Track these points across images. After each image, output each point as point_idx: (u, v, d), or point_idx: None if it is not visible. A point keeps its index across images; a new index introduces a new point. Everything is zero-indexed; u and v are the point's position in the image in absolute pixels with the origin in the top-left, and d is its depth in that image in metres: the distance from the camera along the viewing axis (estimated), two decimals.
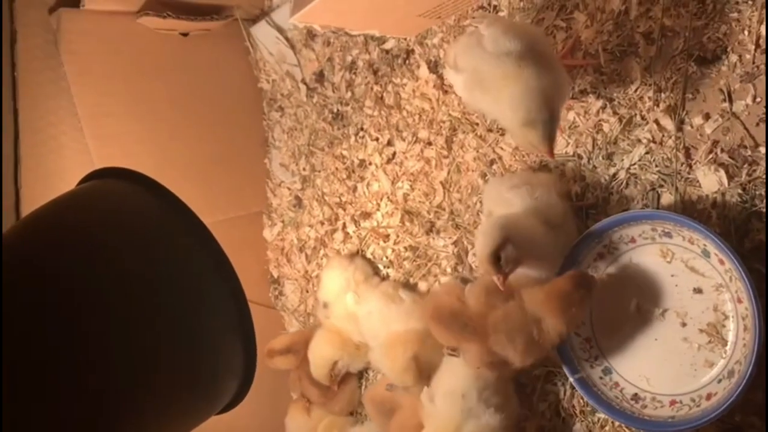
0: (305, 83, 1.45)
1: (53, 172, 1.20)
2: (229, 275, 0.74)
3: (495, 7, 1.09)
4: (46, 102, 1.22)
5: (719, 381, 0.83)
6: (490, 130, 1.12)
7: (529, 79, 0.82)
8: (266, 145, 1.54)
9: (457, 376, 0.95)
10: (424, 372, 1.06)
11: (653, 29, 0.92)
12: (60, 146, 1.21)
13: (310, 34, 1.43)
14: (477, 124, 1.14)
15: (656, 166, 0.92)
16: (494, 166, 1.12)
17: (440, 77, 1.19)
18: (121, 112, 1.29)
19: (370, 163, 1.31)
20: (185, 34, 1.44)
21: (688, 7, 0.89)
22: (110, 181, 0.81)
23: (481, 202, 1.13)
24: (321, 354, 1.22)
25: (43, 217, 0.73)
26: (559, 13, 1.01)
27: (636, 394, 0.89)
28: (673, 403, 0.86)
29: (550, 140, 0.83)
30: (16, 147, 1.17)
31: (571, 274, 0.89)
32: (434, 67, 1.21)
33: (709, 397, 0.83)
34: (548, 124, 0.83)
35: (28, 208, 1.15)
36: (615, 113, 0.95)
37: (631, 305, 0.91)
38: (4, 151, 1.16)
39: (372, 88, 1.31)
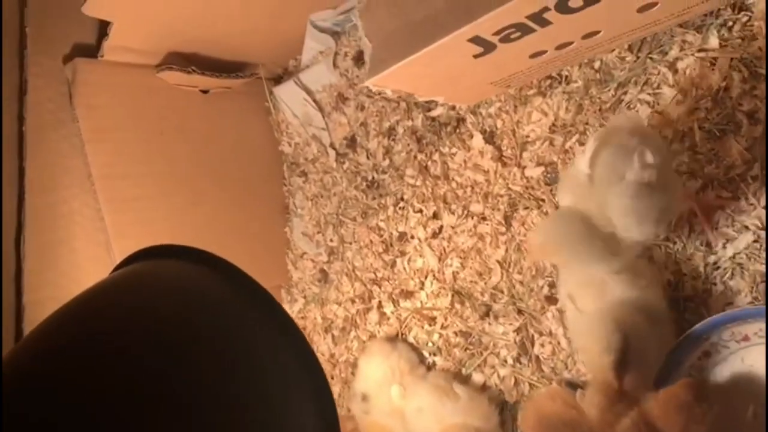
0: (334, 148, 1.35)
1: (61, 241, 1.05)
2: (316, 374, 0.61)
3: (566, 77, 1.02)
4: (57, 160, 1.08)
5: None
6: (558, 209, 1.03)
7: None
8: (286, 213, 1.42)
9: None
10: None
11: (759, 108, 0.85)
12: (70, 211, 1.06)
13: (342, 98, 1.34)
14: (543, 200, 1.05)
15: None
16: None
17: (498, 148, 1.11)
18: (137, 174, 1.16)
19: (413, 237, 1.20)
20: (205, 92, 1.32)
21: None
22: (167, 262, 0.67)
23: (549, 285, 1.03)
24: None
25: (94, 300, 0.59)
26: (644, 87, 0.94)
27: None
28: None
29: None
30: (20, 211, 1.02)
31: (688, 384, 0.78)
32: (490, 137, 1.12)
33: None
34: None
35: (32, 280, 1.00)
36: (718, 197, 0.87)
37: (748, 412, 0.81)
38: (5, 215, 1.01)
39: (415, 156, 1.21)
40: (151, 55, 1.21)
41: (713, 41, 0.89)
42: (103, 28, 1.15)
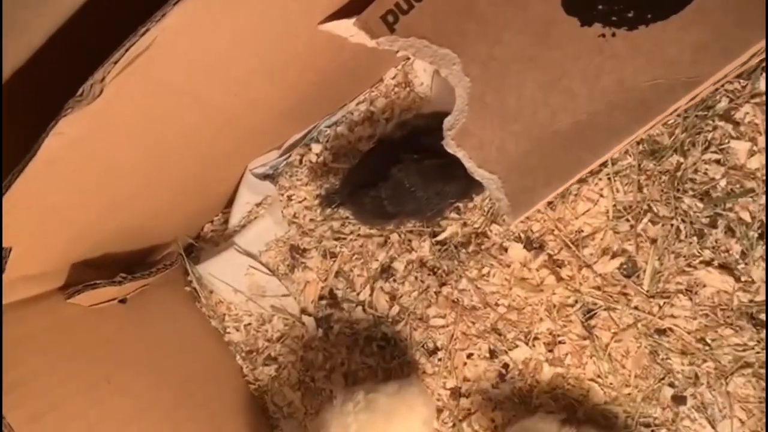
0: (309, 314, 1.06)
1: None
2: None
3: (611, 159, 0.92)
4: None
5: None
6: (651, 297, 0.91)
7: None
8: (267, 417, 1.06)
9: None
10: None
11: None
12: None
13: (298, 250, 1.06)
14: (628, 294, 0.92)
15: None
16: (668, 338, 0.91)
17: (547, 254, 0.95)
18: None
19: (474, 391, 0.97)
20: (123, 301, 0.94)
21: None
22: None
23: (670, 385, 0.90)
24: None
25: None
26: (706, 146, 0.89)
27: None
28: None
29: None
30: None
31: None
32: (530, 244, 0.96)
33: None
34: None
35: None
36: None
37: None
38: None
39: (437, 292, 0.99)
40: (54, 277, 0.82)
41: (762, 85, 0.87)
42: None
